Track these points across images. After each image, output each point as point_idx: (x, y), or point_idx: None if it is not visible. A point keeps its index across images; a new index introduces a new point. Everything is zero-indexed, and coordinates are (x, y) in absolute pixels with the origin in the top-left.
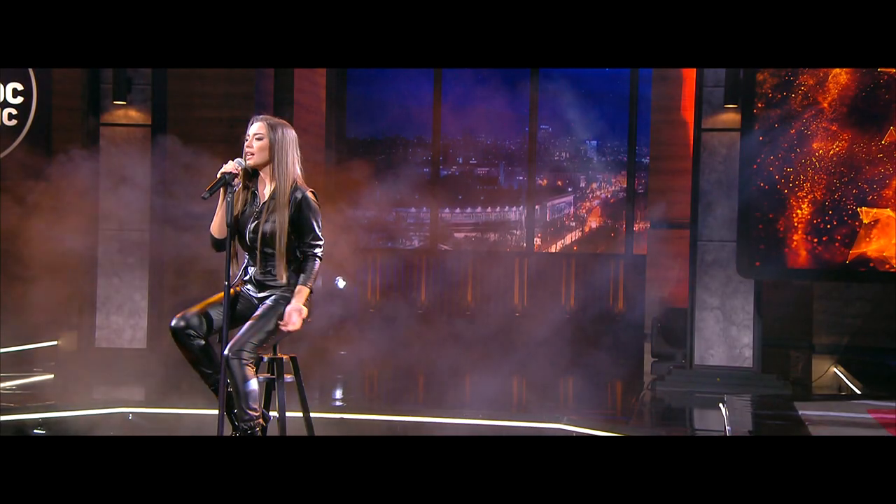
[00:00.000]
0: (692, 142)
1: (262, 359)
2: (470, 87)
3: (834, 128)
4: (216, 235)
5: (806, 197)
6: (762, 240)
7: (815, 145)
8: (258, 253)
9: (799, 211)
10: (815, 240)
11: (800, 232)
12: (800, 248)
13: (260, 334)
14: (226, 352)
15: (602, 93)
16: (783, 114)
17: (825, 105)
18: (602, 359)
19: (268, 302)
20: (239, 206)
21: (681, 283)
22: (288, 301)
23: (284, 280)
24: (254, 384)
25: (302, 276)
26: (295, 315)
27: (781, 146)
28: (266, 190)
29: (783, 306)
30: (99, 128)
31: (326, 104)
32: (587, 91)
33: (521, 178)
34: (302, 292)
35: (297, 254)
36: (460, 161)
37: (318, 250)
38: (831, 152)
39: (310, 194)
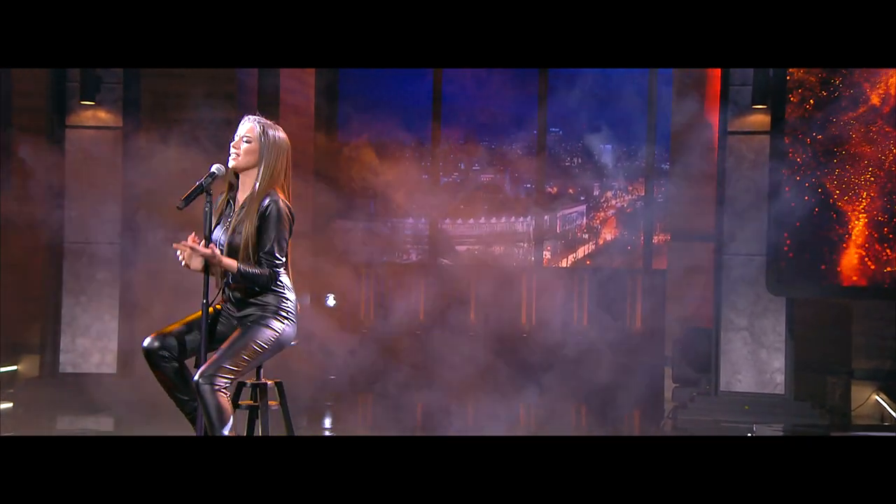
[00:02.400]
0: (717, 146)
1: (244, 384)
2: (472, 87)
3: (889, 129)
4: None
5: (846, 207)
6: (795, 254)
7: (862, 150)
8: None
9: (837, 223)
10: (855, 254)
11: (839, 245)
12: (837, 264)
13: (235, 358)
14: (196, 377)
15: (618, 92)
16: (821, 115)
17: (877, 103)
18: (618, 384)
19: (247, 323)
20: (216, 216)
21: (705, 302)
22: (269, 324)
23: (234, 268)
24: (228, 413)
25: (245, 266)
26: (196, 255)
27: (819, 151)
28: (243, 198)
29: (818, 327)
30: (64, 130)
31: (316, 105)
32: (601, 90)
33: (528, 185)
34: (229, 265)
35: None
36: (462, 167)
37: (274, 268)
38: (887, 161)
39: (282, 204)
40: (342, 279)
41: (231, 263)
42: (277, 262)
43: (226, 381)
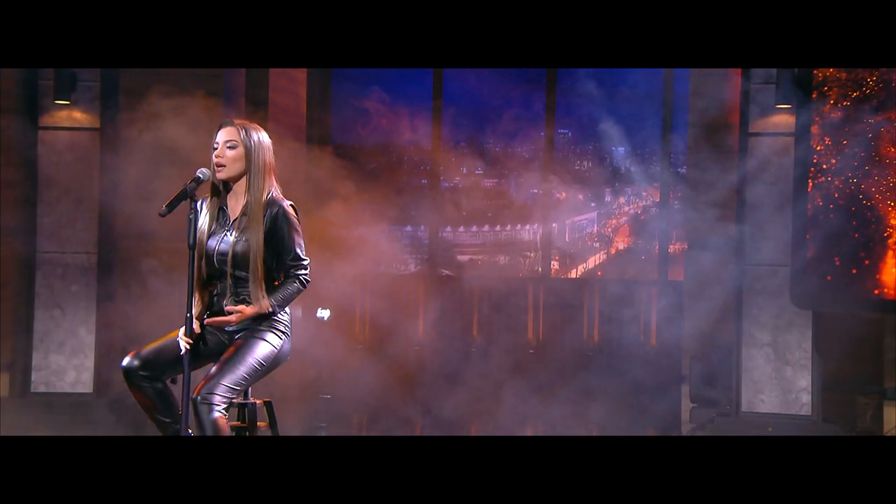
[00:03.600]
0: (738, 148)
1: (231, 404)
2: (475, 85)
3: None
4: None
5: (878, 214)
6: (821, 264)
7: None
8: (228, 278)
9: (868, 230)
10: (891, 264)
11: (871, 255)
12: (868, 274)
13: (234, 376)
14: (194, 395)
15: (631, 91)
16: (851, 115)
17: None
18: (631, 404)
19: (242, 337)
20: (206, 224)
21: (724, 315)
22: (265, 338)
23: (266, 307)
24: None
25: (274, 294)
26: (234, 316)
27: (848, 154)
28: (238, 204)
29: (847, 343)
30: (37, 132)
31: (307, 105)
32: (613, 89)
33: (535, 190)
34: (261, 305)
35: (275, 277)
36: (464, 171)
37: (301, 272)
38: None
39: (288, 207)
40: (336, 291)
41: (263, 306)
42: (304, 262)
43: (225, 401)
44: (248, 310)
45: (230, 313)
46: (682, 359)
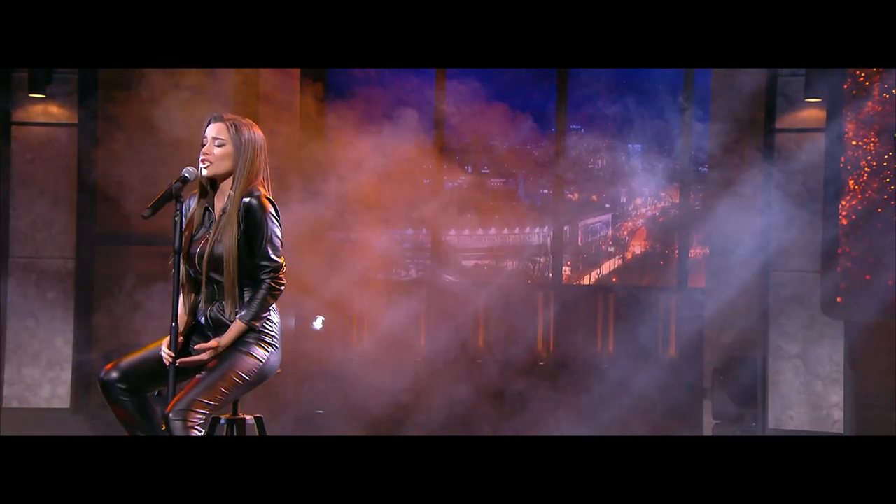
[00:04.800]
0: (764, 145)
1: (219, 420)
2: (481, 78)
3: None
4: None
5: None
6: (855, 270)
7: None
8: (204, 282)
9: None
10: None
11: None
12: None
13: (212, 391)
14: (167, 410)
15: (649, 84)
16: (888, 109)
17: None
18: (649, 420)
19: (225, 350)
20: (193, 226)
21: (749, 325)
22: (251, 351)
23: (239, 329)
24: None
25: (246, 309)
26: (207, 353)
27: (883, 150)
28: (222, 204)
29: (882, 355)
30: (10, 128)
31: (301, 98)
32: (630, 82)
33: (545, 191)
34: (233, 329)
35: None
36: (469, 170)
37: (269, 275)
38: None
39: (263, 198)
40: (331, 298)
41: (237, 329)
42: (274, 264)
43: (201, 417)
44: (223, 340)
45: (214, 321)
46: (704, 372)
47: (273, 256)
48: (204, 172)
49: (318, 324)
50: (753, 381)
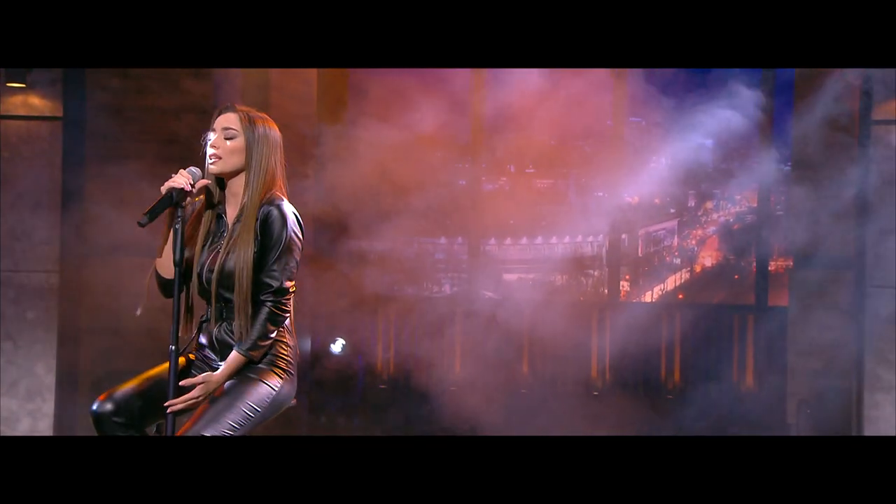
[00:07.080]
0: (857, 140)
1: None
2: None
3: None
4: (164, 275)
5: None
6: None
7: None
8: (213, 300)
9: None
10: None
11: None
12: None
13: (218, 425)
14: None
15: (723, 70)
16: None
17: None
18: None
19: (233, 379)
20: (200, 235)
21: (841, 350)
22: (262, 378)
23: (239, 361)
24: None
25: (247, 338)
26: (198, 389)
27: None
28: (235, 209)
29: None
30: None
31: (318, 87)
32: (701, 68)
33: (600, 193)
34: (229, 363)
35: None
36: (512, 169)
37: (268, 297)
38: None
39: (286, 209)
40: (353, 318)
41: (234, 361)
42: (280, 286)
43: None
44: (217, 375)
45: (220, 345)
46: (788, 404)
47: (280, 277)
48: (211, 168)
49: (337, 347)
50: (846, 416)
